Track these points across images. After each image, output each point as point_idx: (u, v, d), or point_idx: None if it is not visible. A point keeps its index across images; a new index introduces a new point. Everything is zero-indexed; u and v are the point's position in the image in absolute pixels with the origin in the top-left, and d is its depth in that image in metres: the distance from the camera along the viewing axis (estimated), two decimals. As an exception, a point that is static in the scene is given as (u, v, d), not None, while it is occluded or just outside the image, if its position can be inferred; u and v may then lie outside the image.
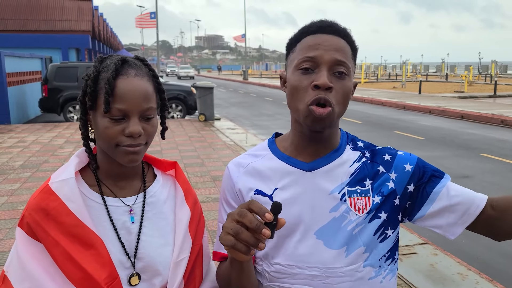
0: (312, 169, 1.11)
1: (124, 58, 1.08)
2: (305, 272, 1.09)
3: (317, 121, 1.04)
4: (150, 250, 1.11)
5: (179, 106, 14.11)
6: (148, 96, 1.06)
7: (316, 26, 1.08)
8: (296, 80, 1.05)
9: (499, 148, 9.41)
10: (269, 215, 0.85)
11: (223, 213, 1.20)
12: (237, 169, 1.19)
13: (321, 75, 1.02)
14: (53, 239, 1.02)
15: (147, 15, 31.93)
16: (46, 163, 7.55)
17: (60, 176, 1.08)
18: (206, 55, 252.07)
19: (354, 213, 1.08)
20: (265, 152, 1.19)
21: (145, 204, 1.14)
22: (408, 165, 1.13)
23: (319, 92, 1.02)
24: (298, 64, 1.06)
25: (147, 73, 1.10)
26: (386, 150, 1.17)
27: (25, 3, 23.47)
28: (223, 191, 1.22)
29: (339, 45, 1.05)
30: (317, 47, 1.04)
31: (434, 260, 3.87)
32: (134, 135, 1.03)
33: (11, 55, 13.21)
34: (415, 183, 1.12)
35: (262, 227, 0.85)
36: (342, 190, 1.09)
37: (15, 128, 11.72)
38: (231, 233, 0.88)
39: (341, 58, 1.04)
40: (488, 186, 6.61)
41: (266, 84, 36.06)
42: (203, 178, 6.59)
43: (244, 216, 0.86)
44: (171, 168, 1.23)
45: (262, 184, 1.14)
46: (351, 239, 1.08)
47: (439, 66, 55.56)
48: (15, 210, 5.14)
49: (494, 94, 21.84)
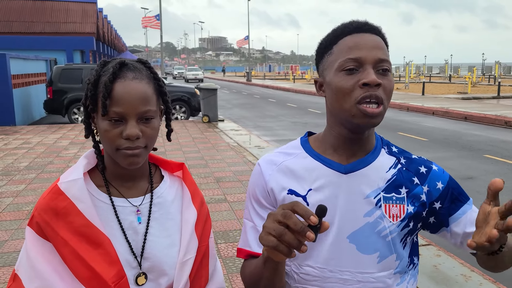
0: (349, 171, 1.09)
1: (123, 61, 1.09)
2: (337, 276, 1.08)
3: (368, 119, 1.02)
4: (157, 250, 1.12)
5: (183, 107, 14.14)
6: (146, 98, 1.06)
7: (352, 27, 1.08)
8: (341, 81, 1.04)
9: (503, 149, 9.39)
10: (314, 218, 0.83)
11: (251, 210, 1.18)
12: (269, 167, 1.16)
13: (368, 73, 1.02)
14: (62, 238, 1.04)
15: (151, 17, 32.04)
16: (51, 165, 7.59)
17: (69, 177, 1.10)
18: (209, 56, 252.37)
19: (388, 220, 1.08)
20: (298, 151, 1.16)
21: (152, 204, 1.15)
22: (440, 183, 1.13)
23: (368, 89, 1.01)
24: (341, 66, 1.05)
25: (148, 76, 1.10)
26: (422, 162, 1.16)
27: (30, 5, 23.60)
28: (252, 188, 1.19)
29: (379, 43, 1.06)
30: (359, 47, 1.04)
31: (438, 261, 3.88)
32: (131, 137, 1.04)
33: (16, 57, 13.28)
34: (442, 202, 1.13)
35: (307, 230, 0.82)
36: (378, 196, 1.09)
37: (20, 129, 11.78)
38: (274, 234, 0.85)
39: (383, 56, 1.04)
40: (492, 188, 6.59)
41: (270, 86, 36.05)
42: (206, 179, 6.61)
43: (289, 218, 0.84)
44: (178, 169, 1.24)
45: (295, 184, 1.12)
46: (384, 246, 1.08)
47: (442, 67, 55.41)
48: (20, 211, 5.18)
49: (497, 95, 21.77)
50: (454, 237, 1.14)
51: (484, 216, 0.94)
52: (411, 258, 1.15)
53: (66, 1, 24.84)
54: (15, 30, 22.23)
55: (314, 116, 16.04)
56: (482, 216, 0.94)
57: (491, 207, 0.94)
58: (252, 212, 1.17)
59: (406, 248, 1.14)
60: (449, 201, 1.13)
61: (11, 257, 3.94)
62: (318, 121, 14.49)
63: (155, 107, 1.10)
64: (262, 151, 8.79)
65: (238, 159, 7.99)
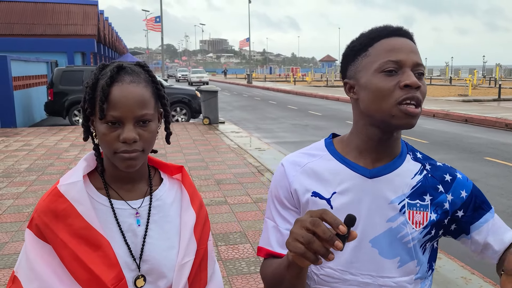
0: (375, 176, 1.09)
1: (121, 65, 1.09)
2: (358, 279, 1.09)
3: (408, 120, 1.03)
4: (156, 253, 1.13)
5: (183, 109, 14.16)
6: (143, 102, 1.06)
7: (388, 30, 1.09)
8: (380, 82, 1.05)
9: (503, 152, 9.38)
10: (343, 227, 0.82)
11: (273, 210, 1.17)
12: (293, 168, 1.16)
13: (409, 75, 1.03)
14: (62, 240, 1.05)
15: (152, 19, 32.09)
16: (51, 167, 7.60)
17: (69, 179, 1.10)
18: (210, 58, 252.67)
19: (411, 227, 1.08)
20: (322, 153, 1.16)
21: (151, 207, 1.15)
22: (464, 192, 1.14)
23: (409, 91, 1.02)
24: (380, 67, 1.05)
25: (146, 79, 1.10)
26: (447, 169, 1.17)
27: (31, 7, 23.66)
28: (275, 188, 1.18)
29: (415, 48, 1.08)
30: (398, 51, 1.05)
31: (438, 264, 3.87)
32: (128, 141, 1.04)
33: (17, 59, 13.32)
34: (464, 210, 1.14)
35: (335, 239, 0.82)
36: (403, 202, 1.09)
37: (21, 131, 11.80)
38: (302, 241, 0.85)
39: (419, 61, 1.06)
40: (493, 190, 6.60)
41: (270, 88, 36.07)
42: (207, 181, 6.61)
43: (318, 226, 0.84)
44: (178, 172, 1.24)
45: (320, 186, 1.12)
46: (405, 252, 1.09)
47: (443, 70, 55.42)
48: (20, 213, 5.18)
49: (498, 98, 21.77)
50: (474, 244, 1.16)
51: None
52: (430, 263, 1.16)
53: (67, 3, 24.89)
54: (16, 32, 22.28)
55: (315, 118, 16.04)
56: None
57: None
58: (274, 212, 1.17)
59: (426, 254, 1.14)
60: (472, 210, 1.14)
61: (11, 259, 3.94)
62: (319, 123, 14.50)
63: (153, 110, 1.10)
64: (262, 153, 8.80)
65: (238, 161, 8.00)
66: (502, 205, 5.90)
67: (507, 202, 6.05)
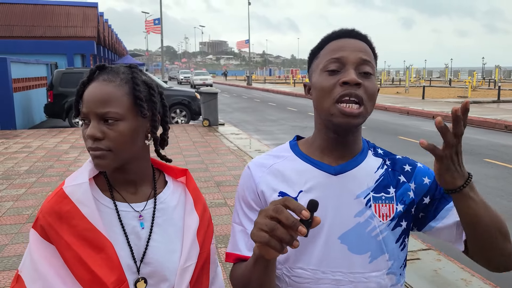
0: (339, 172, 1.10)
1: (102, 65, 1.12)
2: (329, 277, 1.08)
3: (346, 119, 1.03)
4: (159, 256, 1.13)
5: (183, 111, 14.16)
6: (107, 99, 1.05)
7: (338, 32, 1.11)
8: (322, 80, 1.06)
9: (503, 154, 9.39)
10: (306, 212, 0.83)
11: (240, 214, 1.17)
12: (259, 169, 1.16)
13: (349, 73, 1.03)
14: (65, 241, 1.05)
15: (151, 22, 32.11)
16: (51, 169, 7.59)
17: (75, 181, 1.11)
18: (210, 60, 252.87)
19: (378, 219, 1.09)
20: (287, 154, 1.17)
21: (155, 210, 1.15)
22: (426, 178, 1.15)
23: (348, 88, 1.02)
24: (324, 67, 1.07)
25: (124, 78, 1.09)
26: (406, 160, 1.18)
27: (31, 9, 23.68)
28: (242, 191, 1.18)
29: (363, 47, 1.08)
30: (343, 49, 1.06)
31: (438, 266, 3.87)
32: (89, 138, 1.06)
33: (17, 61, 13.32)
34: (431, 196, 1.14)
35: (299, 224, 0.82)
36: (368, 196, 1.10)
37: (20, 133, 11.79)
38: (265, 229, 0.85)
39: (366, 58, 1.06)
40: (493, 192, 6.60)
41: (270, 90, 36.09)
42: (207, 183, 6.61)
43: (281, 213, 0.84)
44: (182, 175, 1.24)
45: (286, 186, 1.12)
46: (375, 246, 1.09)
47: (442, 71, 55.47)
48: (20, 215, 5.18)
49: (498, 99, 21.79)
50: (447, 230, 1.13)
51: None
52: (405, 260, 1.17)
53: (67, 5, 24.92)
54: (16, 34, 22.29)
55: (315, 120, 16.03)
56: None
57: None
58: (242, 216, 1.17)
59: (405, 250, 1.14)
60: (439, 195, 1.14)
61: (11, 261, 3.93)
62: (319, 125, 14.48)
63: (123, 109, 1.07)
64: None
65: (238, 163, 7.99)
66: (502, 206, 5.90)
67: (507, 203, 6.05)
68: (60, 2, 24.91)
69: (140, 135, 1.11)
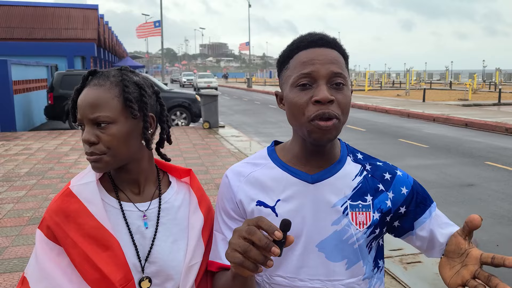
0: (316, 181, 1.11)
1: (93, 71, 1.14)
2: (307, 285, 1.09)
3: (323, 134, 1.03)
4: (164, 255, 1.14)
5: (183, 113, 14.16)
6: (96, 104, 1.06)
7: (307, 41, 1.08)
8: (295, 97, 1.05)
9: (504, 157, 9.38)
10: (278, 233, 0.83)
11: (220, 222, 1.18)
12: (237, 179, 1.16)
13: (320, 90, 1.02)
14: (72, 240, 1.06)
15: (151, 24, 32.14)
16: (51, 171, 7.59)
17: (82, 180, 1.13)
18: (210, 62, 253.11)
19: (355, 227, 1.09)
20: (265, 161, 1.17)
21: (160, 210, 1.17)
22: (404, 188, 1.15)
23: (321, 107, 1.01)
24: (295, 82, 1.05)
25: (114, 82, 1.10)
26: (387, 168, 1.18)
27: (32, 11, 23.72)
28: (221, 200, 1.19)
29: (333, 57, 1.06)
30: (312, 62, 1.04)
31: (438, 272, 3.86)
32: (85, 142, 1.08)
33: (17, 63, 13.33)
34: (406, 206, 1.15)
35: (272, 245, 0.83)
36: (345, 204, 1.10)
37: (20, 135, 11.79)
38: (239, 250, 0.86)
39: (337, 70, 1.04)
40: (493, 195, 6.59)
41: (270, 92, 36.11)
42: (207, 185, 6.61)
43: (253, 234, 0.85)
44: (186, 175, 1.25)
45: (264, 195, 1.12)
46: (351, 253, 1.10)
47: (443, 74, 55.55)
48: (20, 217, 5.17)
49: (498, 102, 21.79)
50: (420, 240, 1.17)
51: (457, 249, 0.99)
52: (376, 261, 1.17)
53: (68, 7, 24.98)
54: (16, 36, 22.33)
55: (315, 122, 16.02)
56: (455, 248, 0.99)
57: (467, 244, 0.98)
58: (222, 224, 1.18)
59: (372, 252, 1.15)
60: (414, 205, 1.15)
61: (11, 264, 3.92)
62: (319, 127, 14.48)
63: (114, 113, 1.08)
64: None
65: (238, 166, 7.98)
66: (503, 209, 5.89)
67: (508, 206, 6.04)
68: (61, 4, 24.98)
69: (135, 136, 1.12)
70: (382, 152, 9.41)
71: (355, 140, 11.30)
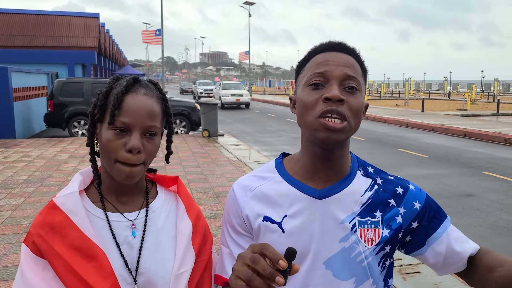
0: (323, 196, 1.08)
1: (136, 77, 1.14)
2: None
3: (330, 135, 1.00)
4: (152, 265, 1.12)
5: (183, 122, 14.18)
6: (153, 114, 1.10)
7: (325, 45, 1.08)
8: (305, 95, 1.04)
9: (502, 167, 9.38)
10: (283, 263, 0.81)
11: (227, 237, 1.17)
12: (243, 193, 1.14)
13: (332, 88, 1.00)
14: (56, 252, 1.05)
15: (152, 32, 32.30)
16: (50, 178, 7.57)
17: (65, 191, 1.12)
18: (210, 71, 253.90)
19: (364, 245, 1.06)
20: (272, 175, 1.15)
21: (147, 219, 1.16)
22: (417, 203, 1.12)
23: (331, 104, 0.99)
24: (308, 81, 1.04)
25: (157, 95, 1.15)
26: (398, 182, 1.14)
27: (33, 19, 23.83)
28: (227, 214, 1.17)
29: (349, 61, 1.05)
30: (327, 63, 1.03)
31: (438, 280, 3.84)
32: (134, 150, 1.05)
33: (18, 71, 13.36)
34: (419, 221, 1.12)
35: (276, 275, 0.81)
36: (353, 220, 1.07)
37: (20, 142, 11.78)
38: (243, 278, 0.84)
39: (351, 73, 1.03)
40: (492, 205, 6.58)
41: (270, 101, 36.18)
42: (206, 194, 6.59)
43: (257, 263, 0.83)
44: (173, 183, 1.25)
45: (270, 210, 1.10)
46: (360, 271, 1.07)
47: (441, 84, 55.72)
48: (18, 225, 5.15)
49: (497, 113, 21.83)
50: (435, 256, 1.13)
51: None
52: (386, 280, 1.14)
53: (69, 16, 25.10)
54: (17, 43, 22.41)
55: (314, 131, 16.03)
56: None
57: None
58: (228, 239, 1.16)
59: (384, 271, 1.12)
60: (427, 220, 1.12)
61: (8, 272, 3.90)
62: (318, 136, 14.48)
63: (160, 125, 1.13)
64: (262, 165, 8.77)
65: (238, 174, 7.98)
66: (502, 220, 5.88)
67: (507, 217, 6.03)
68: (62, 12, 25.10)
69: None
70: (381, 161, 9.38)
71: (354, 149, 11.25)
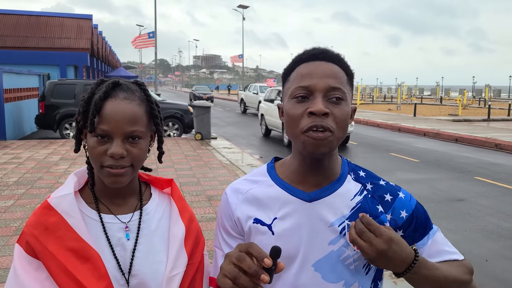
0: (313, 199, 1.09)
1: (117, 81, 1.12)
2: None
3: (316, 146, 1.02)
4: (145, 267, 1.12)
5: (175, 124, 14.14)
6: (133, 119, 1.08)
7: (308, 54, 1.08)
8: (291, 109, 1.05)
9: (493, 172, 9.46)
10: (268, 260, 0.83)
11: (220, 239, 1.19)
12: (235, 196, 1.17)
13: (316, 102, 1.01)
14: (50, 253, 1.05)
15: (145, 35, 32.24)
16: (40, 180, 7.51)
17: (60, 192, 1.11)
18: (203, 74, 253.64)
19: (352, 248, 1.07)
20: (264, 178, 1.17)
21: (141, 221, 1.16)
22: (404, 212, 1.13)
23: (315, 119, 1.01)
24: (292, 93, 1.06)
25: (140, 97, 1.12)
26: (388, 189, 1.15)
27: (25, 20, 23.67)
28: (220, 216, 1.20)
29: (333, 71, 1.05)
30: (311, 76, 1.04)
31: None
32: (115, 156, 1.05)
33: (9, 72, 13.26)
34: (404, 230, 1.13)
35: (261, 273, 0.83)
36: (342, 224, 1.08)
37: (10, 144, 11.67)
38: (229, 276, 0.86)
39: (335, 85, 1.03)
40: (483, 210, 6.63)
41: (263, 104, 36.17)
42: (198, 197, 6.57)
43: (243, 261, 0.85)
44: (168, 186, 1.25)
45: (261, 212, 1.12)
46: (348, 274, 1.08)
47: (433, 89, 56.15)
48: (8, 227, 5.10)
49: (488, 118, 22.05)
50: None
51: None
52: (375, 282, 1.14)
53: (61, 17, 24.95)
54: (9, 44, 22.22)
55: (307, 135, 16.04)
56: None
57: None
58: (222, 241, 1.18)
59: (370, 274, 1.12)
60: (412, 230, 1.13)
61: (-4, 275, 3.86)
62: (311, 140, 14.50)
63: (144, 128, 1.11)
64: (254, 169, 8.76)
65: (230, 177, 7.96)
66: (492, 225, 5.92)
67: (497, 222, 6.07)
68: (54, 13, 24.96)
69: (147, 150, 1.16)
70: (373, 166, 9.41)
71: (347, 154, 11.30)
